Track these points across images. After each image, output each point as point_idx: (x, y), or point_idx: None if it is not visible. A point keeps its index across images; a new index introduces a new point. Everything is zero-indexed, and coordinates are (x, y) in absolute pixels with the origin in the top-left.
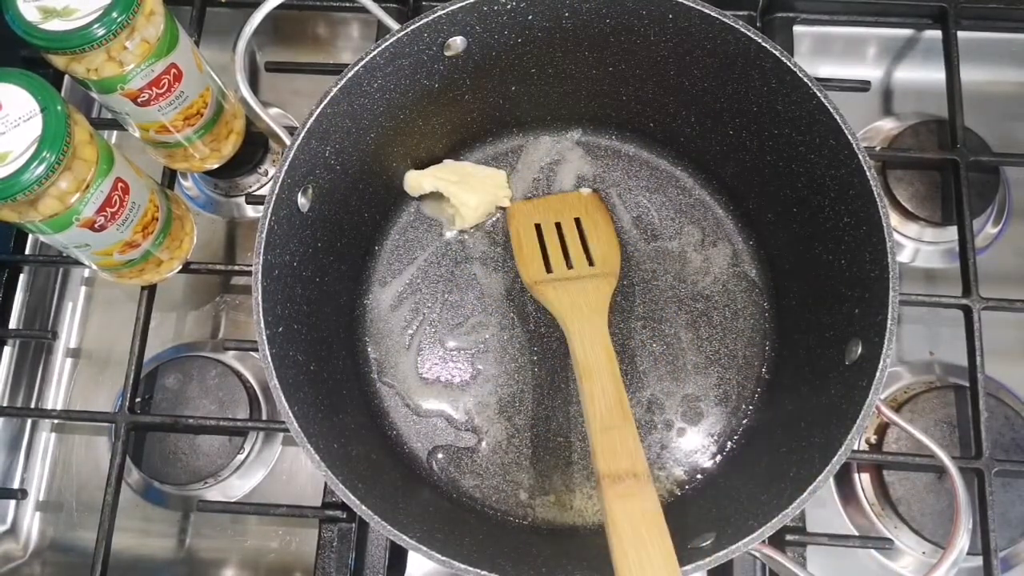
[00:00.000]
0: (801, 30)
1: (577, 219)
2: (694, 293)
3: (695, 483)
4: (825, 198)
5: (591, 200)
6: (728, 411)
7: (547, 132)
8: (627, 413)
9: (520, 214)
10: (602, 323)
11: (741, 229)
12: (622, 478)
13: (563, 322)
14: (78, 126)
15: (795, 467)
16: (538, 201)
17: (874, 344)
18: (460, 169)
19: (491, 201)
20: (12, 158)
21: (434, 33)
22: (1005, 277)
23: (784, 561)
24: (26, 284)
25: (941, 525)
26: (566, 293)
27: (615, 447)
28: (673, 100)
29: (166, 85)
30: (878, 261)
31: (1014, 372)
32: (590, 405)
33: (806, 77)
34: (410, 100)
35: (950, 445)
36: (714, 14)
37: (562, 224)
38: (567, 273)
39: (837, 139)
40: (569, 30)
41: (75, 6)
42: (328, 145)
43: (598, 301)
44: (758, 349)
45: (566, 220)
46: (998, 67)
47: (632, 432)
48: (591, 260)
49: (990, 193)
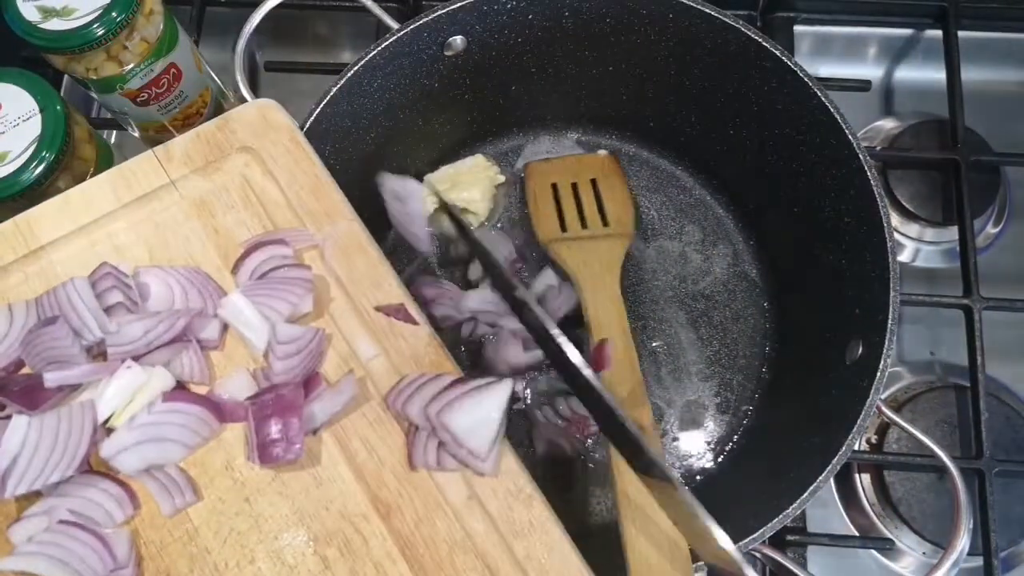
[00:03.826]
0: (801, 30)
1: (593, 180)
2: (694, 293)
3: (695, 483)
4: (825, 198)
5: (608, 162)
6: (728, 411)
7: (547, 132)
8: (635, 368)
9: (537, 174)
10: (613, 282)
11: (741, 229)
12: None
13: (576, 279)
14: (77, 126)
15: (795, 467)
16: (555, 161)
17: (875, 344)
18: (445, 177)
19: (489, 186)
20: (11, 158)
21: (434, 33)
22: (1006, 277)
23: (784, 561)
24: None
25: (942, 525)
26: (580, 251)
27: (623, 400)
28: (673, 100)
29: (165, 85)
30: (878, 261)
31: (1015, 372)
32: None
33: (806, 77)
34: (410, 100)
35: (951, 445)
36: (714, 13)
37: (578, 184)
38: (581, 232)
39: (837, 139)
40: (569, 30)
41: (74, 6)
42: (328, 145)
43: (611, 260)
44: (758, 349)
45: (582, 181)
46: (998, 67)
47: (640, 387)
48: (605, 220)
49: (991, 193)
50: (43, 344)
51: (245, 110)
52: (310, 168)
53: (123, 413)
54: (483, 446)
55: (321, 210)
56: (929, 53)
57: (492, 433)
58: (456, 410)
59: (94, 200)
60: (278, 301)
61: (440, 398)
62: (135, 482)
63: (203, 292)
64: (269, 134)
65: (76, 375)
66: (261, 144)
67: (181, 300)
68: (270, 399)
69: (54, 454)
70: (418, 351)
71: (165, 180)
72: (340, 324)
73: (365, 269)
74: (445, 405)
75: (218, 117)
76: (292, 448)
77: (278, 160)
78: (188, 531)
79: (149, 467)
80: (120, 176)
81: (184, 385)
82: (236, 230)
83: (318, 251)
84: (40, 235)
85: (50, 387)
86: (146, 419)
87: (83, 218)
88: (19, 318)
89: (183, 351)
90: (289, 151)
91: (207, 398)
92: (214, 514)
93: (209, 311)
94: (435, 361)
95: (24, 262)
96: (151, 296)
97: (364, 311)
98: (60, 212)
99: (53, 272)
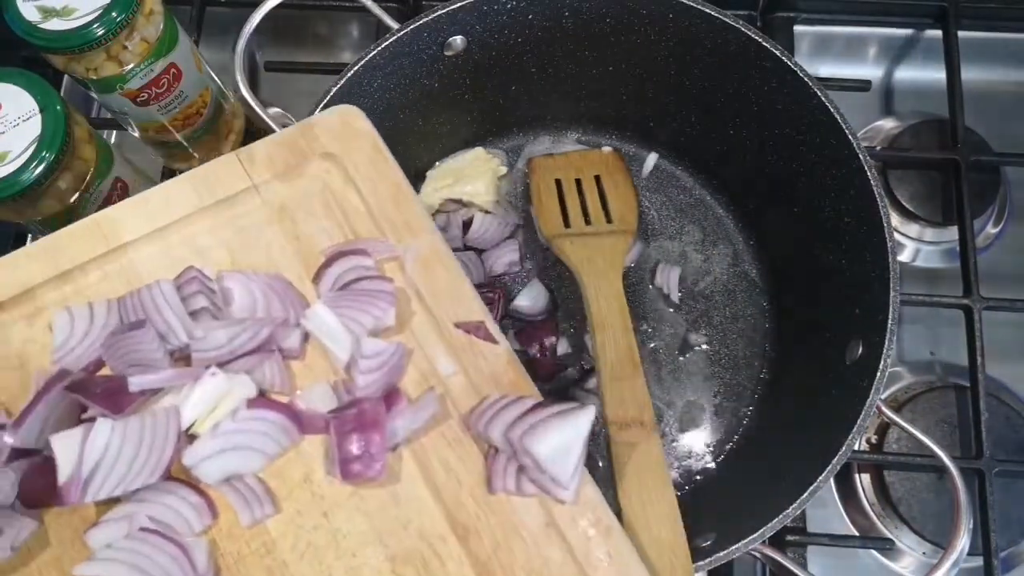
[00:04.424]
0: (801, 29)
1: (597, 176)
2: (694, 293)
3: (695, 483)
4: (825, 198)
5: (612, 158)
6: (728, 412)
7: (547, 132)
8: (637, 364)
9: (542, 169)
10: (616, 278)
11: (741, 229)
12: (629, 425)
13: (579, 275)
14: (77, 126)
15: (795, 467)
16: (560, 157)
17: (875, 344)
18: (446, 171)
19: (492, 178)
20: (11, 158)
21: (434, 33)
22: (1006, 277)
23: (784, 561)
24: None
25: (941, 525)
26: (583, 247)
27: (623, 396)
28: (673, 100)
29: (165, 85)
30: (878, 261)
31: (1015, 372)
32: (601, 355)
33: (806, 77)
34: (410, 100)
35: (951, 445)
36: (714, 13)
37: (582, 180)
38: (585, 228)
39: (837, 139)
40: (569, 30)
41: (74, 6)
42: None
43: (614, 257)
44: (758, 349)
45: (586, 177)
46: (998, 67)
47: (641, 383)
48: (609, 217)
49: (991, 193)
50: (128, 347)
51: (328, 116)
52: (392, 177)
53: (206, 420)
54: (565, 473)
55: (401, 220)
56: (929, 53)
57: (575, 460)
58: (539, 435)
59: (175, 200)
60: (362, 314)
61: (522, 422)
62: (212, 491)
63: (284, 300)
64: (351, 141)
65: (161, 379)
66: (343, 151)
67: (263, 307)
68: (352, 414)
69: (137, 460)
70: (497, 370)
71: (247, 183)
72: (420, 339)
73: (445, 284)
74: (528, 429)
75: (301, 122)
76: (374, 465)
77: (360, 168)
78: (265, 543)
79: (229, 476)
80: (202, 177)
81: (265, 394)
82: (317, 237)
83: (398, 263)
84: (121, 234)
85: (134, 391)
86: (230, 427)
87: (163, 218)
88: (100, 317)
89: (266, 360)
90: (371, 159)
91: (289, 407)
92: (292, 527)
93: (291, 320)
94: (514, 381)
95: (103, 260)
96: (234, 301)
97: (444, 327)
98: (140, 211)
99: (134, 271)
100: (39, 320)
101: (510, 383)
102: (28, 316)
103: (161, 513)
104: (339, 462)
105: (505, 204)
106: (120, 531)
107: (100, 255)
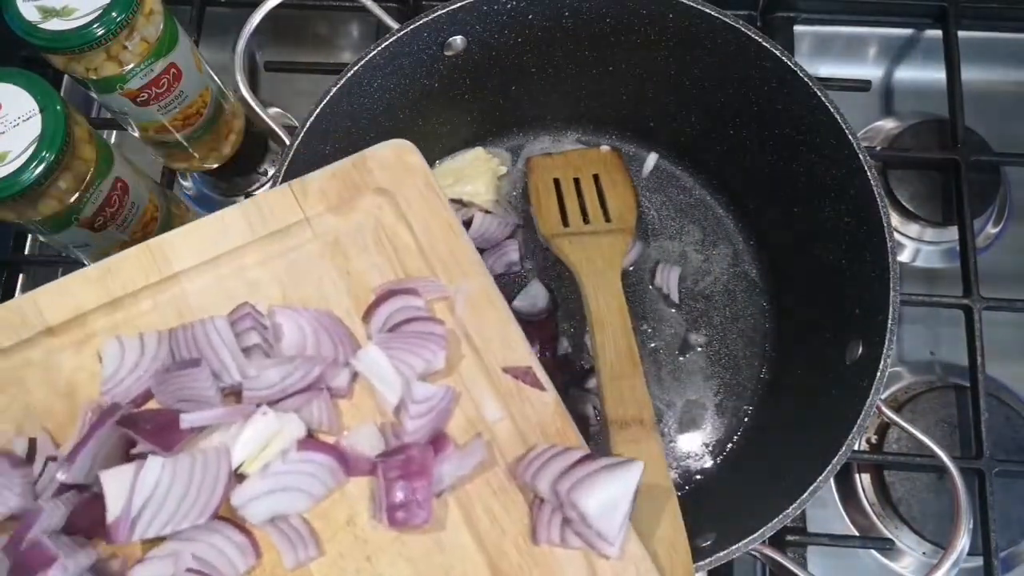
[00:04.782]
0: (801, 29)
1: (596, 175)
2: (694, 293)
3: (695, 483)
4: (825, 198)
5: (610, 157)
6: (728, 412)
7: (547, 132)
8: (636, 363)
9: (540, 168)
10: (615, 277)
11: (741, 229)
12: (629, 424)
13: (578, 275)
14: (77, 126)
15: (795, 467)
16: (558, 156)
17: (874, 344)
18: (447, 171)
19: (492, 178)
20: (11, 158)
21: (434, 32)
22: (1006, 277)
23: (784, 561)
24: (26, 284)
25: (942, 525)
26: (582, 247)
27: (623, 395)
28: (673, 100)
29: (165, 85)
30: (878, 261)
31: (1015, 372)
32: (601, 354)
33: (806, 77)
34: (410, 100)
35: (951, 445)
36: (714, 13)
37: (581, 180)
38: (583, 227)
39: (837, 139)
40: (569, 30)
41: (74, 6)
42: (328, 145)
43: (613, 256)
44: (758, 349)
45: (585, 176)
46: (998, 67)
47: (640, 381)
48: (608, 216)
49: (991, 193)
50: (181, 384)
51: (381, 150)
52: (443, 215)
53: (256, 460)
54: (612, 529)
55: (453, 260)
56: (929, 53)
57: (622, 516)
58: (587, 489)
59: (227, 230)
60: (413, 357)
61: (570, 474)
62: (256, 531)
63: (334, 337)
64: (405, 177)
65: (213, 417)
66: (396, 186)
67: (313, 345)
68: (400, 460)
69: (187, 499)
70: (544, 418)
71: (300, 216)
72: (468, 383)
73: (495, 327)
74: (576, 483)
75: (354, 155)
76: (420, 513)
77: (412, 204)
78: None
79: (275, 517)
80: (255, 208)
81: (313, 434)
82: (368, 273)
83: (447, 303)
84: (172, 262)
85: (185, 428)
86: (280, 468)
87: (215, 248)
88: (150, 349)
89: (314, 398)
90: (424, 196)
91: (337, 448)
92: (334, 569)
93: (340, 359)
94: (561, 431)
95: (155, 289)
96: (284, 337)
97: (492, 371)
98: (193, 240)
99: (186, 303)
100: (88, 348)
101: (557, 432)
102: (78, 343)
103: (205, 552)
104: (386, 508)
105: (505, 204)
106: (166, 570)
107: (152, 283)
